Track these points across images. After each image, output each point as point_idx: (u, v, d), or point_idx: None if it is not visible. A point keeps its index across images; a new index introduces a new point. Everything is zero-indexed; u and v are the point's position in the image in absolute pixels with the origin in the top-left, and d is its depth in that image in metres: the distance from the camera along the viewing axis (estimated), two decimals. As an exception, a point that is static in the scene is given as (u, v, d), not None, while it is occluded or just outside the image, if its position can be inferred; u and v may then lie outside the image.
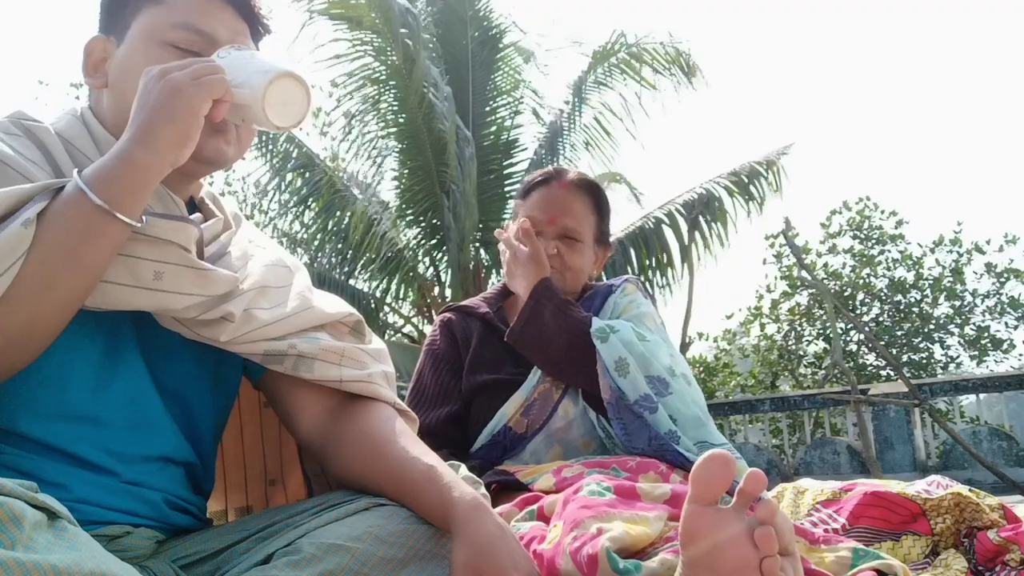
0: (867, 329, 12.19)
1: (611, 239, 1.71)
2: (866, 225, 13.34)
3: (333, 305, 1.07)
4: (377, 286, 8.50)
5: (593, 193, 1.62)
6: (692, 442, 1.37)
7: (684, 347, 8.59)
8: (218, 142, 0.95)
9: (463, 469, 0.98)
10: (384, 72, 7.74)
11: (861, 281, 13.22)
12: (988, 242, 12.87)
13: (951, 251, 13.03)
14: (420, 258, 8.53)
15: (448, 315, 1.66)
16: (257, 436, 1.19)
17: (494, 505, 0.96)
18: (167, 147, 0.83)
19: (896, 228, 13.26)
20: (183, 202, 0.97)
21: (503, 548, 0.82)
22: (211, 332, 0.92)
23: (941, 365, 13.12)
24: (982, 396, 8.49)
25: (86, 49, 0.98)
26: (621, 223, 7.97)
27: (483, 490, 0.95)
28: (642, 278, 7.51)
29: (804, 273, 11.27)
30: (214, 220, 1.00)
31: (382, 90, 7.89)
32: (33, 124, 0.94)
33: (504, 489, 1.34)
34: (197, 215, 0.98)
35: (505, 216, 8.11)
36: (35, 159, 0.90)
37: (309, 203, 8.17)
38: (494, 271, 8.30)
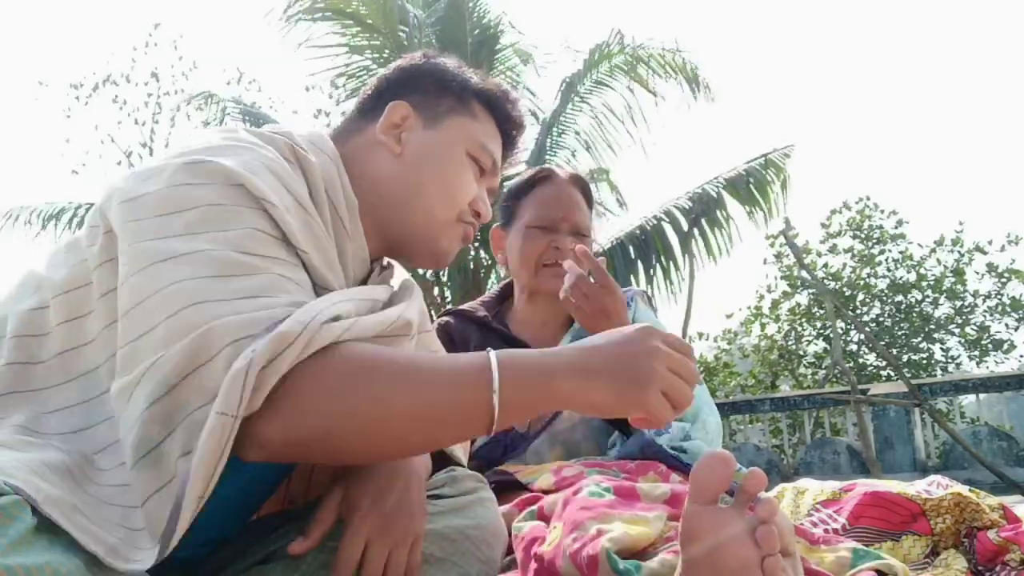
0: (867, 329, 12.19)
1: (609, 234, 1.74)
2: (866, 225, 13.34)
3: None
4: (377, 286, 8.48)
5: (586, 188, 1.64)
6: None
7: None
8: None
9: (466, 471, 0.98)
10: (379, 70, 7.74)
11: (861, 281, 13.22)
12: (990, 242, 12.87)
13: (952, 251, 13.03)
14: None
15: (446, 319, 1.66)
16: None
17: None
18: (599, 400, 0.76)
19: (896, 228, 13.27)
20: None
21: (377, 473, 0.86)
22: None
23: (941, 365, 13.12)
24: (982, 396, 8.49)
25: (390, 108, 1.01)
26: (619, 224, 7.97)
27: (487, 492, 0.95)
28: (645, 283, 7.51)
29: (804, 273, 11.27)
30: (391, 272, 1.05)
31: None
32: (304, 156, 0.92)
33: (504, 489, 1.34)
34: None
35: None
36: (298, 200, 0.86)
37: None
38: (493, 271, 8.29)
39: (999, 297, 12.83)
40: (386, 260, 1.05)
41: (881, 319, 13.35)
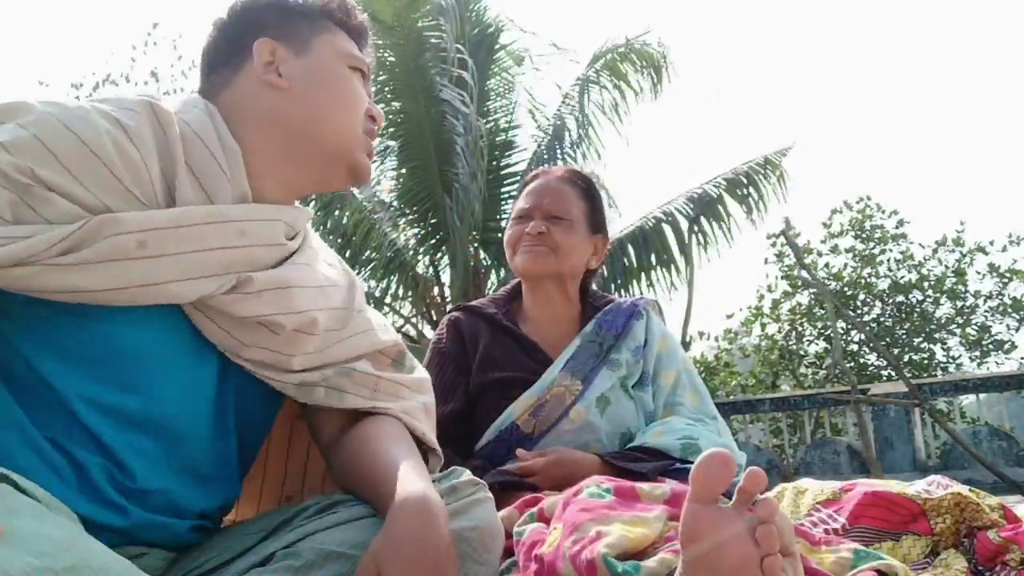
0: (868, 329, 12.19)
1: (609, 234, 1.73)
2: (868, 225, 13.33)
3: (382, 331, 1.09)
4: (377, 286, 8.50)
5: (582, 181, 1.65)
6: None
7: (684, 347, 8.56)
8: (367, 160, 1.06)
9: (466, 474, 0.96)
10: (387, 68, 7.72)
11: (862, 281, 13.21)
12: (991, 242, 12.85)
13: (953, 251, 13.02)
14: (420, 258, 8.53)
15: (456, 314, 1.67)
16: (283, 451, 1.17)
17: (497, 506, 0.96)
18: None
19: (898, 228, 13.26)
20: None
21: (411, 554, 0.77)
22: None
23: (942, 366, 13.11)
24: (982, 396, 8.49)
25: (256, 48, 1.00)
26: (619, 224, 7.96)
27: (484, 492, 0.93)
28: (644, 283, 7.51)
29: (805, 273, 11.27)
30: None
31: (384, 86, 7.87)
32: (161, 109, 0.92)
33: (506, 488, 1.34)
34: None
35: (503, 216, 8.10)
36: (145, 143, 0.88)
37: (308, 199, 8.15)
38: (494, 271, 8.29)
39: (1000, 297, 12.82)
40: (299, 235, 1.03)
41: (882, 319, 13.35)
